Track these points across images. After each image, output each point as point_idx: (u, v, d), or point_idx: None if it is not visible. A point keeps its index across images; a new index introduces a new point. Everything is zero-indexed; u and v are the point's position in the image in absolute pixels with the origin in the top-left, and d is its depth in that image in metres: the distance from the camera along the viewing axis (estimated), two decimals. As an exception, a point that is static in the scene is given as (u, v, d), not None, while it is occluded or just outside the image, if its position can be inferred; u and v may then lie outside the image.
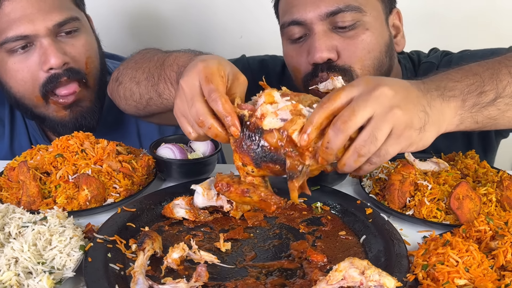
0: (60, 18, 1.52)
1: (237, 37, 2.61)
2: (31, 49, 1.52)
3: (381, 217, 1.14)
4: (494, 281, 0.87)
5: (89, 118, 1.63)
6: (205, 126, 1.00)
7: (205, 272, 0.93)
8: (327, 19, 1.43)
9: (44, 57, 1.51)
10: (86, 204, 1.19)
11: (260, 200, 0.96)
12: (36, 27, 1.48)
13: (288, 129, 0.93)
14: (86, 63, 1.61)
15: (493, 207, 1.15)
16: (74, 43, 1.58)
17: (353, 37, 1.45)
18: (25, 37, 1.49)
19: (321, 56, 1.42)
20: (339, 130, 0.90)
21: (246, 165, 0.98)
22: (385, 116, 0.92)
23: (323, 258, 1.00)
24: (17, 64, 1.53)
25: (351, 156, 0.94)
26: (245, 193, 0.96)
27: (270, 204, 0.95)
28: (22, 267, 0.92)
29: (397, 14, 1.59)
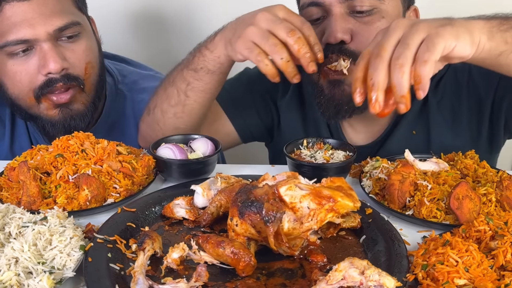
0: (61, 23, 1.52)
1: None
2: (31, 53, 1.52)
3: (381, 217, 1.14)
4: (493, 281, 0.87)
5: (78, 120, 1.63)
6: (284, 54, 1.22)
7: (205, 272, 0.93)
8: (345, 2, 1.46)
9: (43, 61, 1.51)
10: (86, 204, 1.19)
11: (232, 253, 0.95)
12: (37, 32, 1.49)
13: (278, 184, 0.99)
14: (85, 68, 1.61)
15: (493, 207, 1.15)
16: (74, 48, 1.58)
17: (368, 22, 1.47)
18: (25, 41, 1.50)
19: (335, 37, 1.45)
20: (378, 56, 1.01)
21: (233, 218, 1.00)
22: (411, 28, 1.02)
23: (323, 258, 1.00)
24: (16, 66, 1.53)
25: (393, 73, 0.98)
26: (219, 244, 0.96)
27: (240, 260, 0.94)
28: (22, 267, 0.92)
29: (415, 11, 1.61)
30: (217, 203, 1.13)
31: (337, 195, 0.98)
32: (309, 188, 0.99)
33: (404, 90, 0.97)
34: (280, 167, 1.54)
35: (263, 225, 0.96)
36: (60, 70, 1.52)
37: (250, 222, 0.97)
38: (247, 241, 1.00)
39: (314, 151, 1.43)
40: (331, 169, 1.32)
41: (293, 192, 0.98)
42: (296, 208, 0.97)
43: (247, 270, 0.95)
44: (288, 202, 0.98)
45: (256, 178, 1.26)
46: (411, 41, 0.99)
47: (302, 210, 0.98)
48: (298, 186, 0.99)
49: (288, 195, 0.98)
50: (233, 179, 1.22)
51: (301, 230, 0.98)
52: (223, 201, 1.13)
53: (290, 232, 0.98)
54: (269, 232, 0.95)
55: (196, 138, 1.47)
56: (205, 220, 1.12)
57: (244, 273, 0.95)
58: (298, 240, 1.01)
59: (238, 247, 0.96)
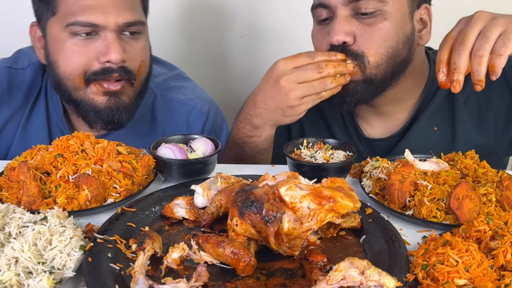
0: (131, 18, 1.57)
1: (237, 37, 2.62)
2: (94, 38, 1.55)
3: (381, 217, 1.14)
4: (494, 281, 0.87)
5: (122, 112, 1.64)
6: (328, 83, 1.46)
7: (205, 272, 0.93)
8: (350, 4, 1.51)
9: (105, 49, 1.54)
10: (86, 204, 1.19)
11: (232, 253, 0.95)
12: (108, 20, 1.53)
13: (278, 184, 0.99)
14: (139, 66, 1.65)
15: (493, 207, 1.15)
16: (134, 44, 1.62)
17: (371, 24, 1.52)
18: (94, 26, 1.53)
19: (337, 39, 1.51)
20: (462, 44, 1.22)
21: (233, 218, 1.00)
22: (491, 21, 1.21)
23: (323, 258, 1.00)
24: (75, 46, 1.55)
25: (474, 62, 1.20)
26: (219, 244, 0.96)
27: (239, 259, 0.94)
28: (22, 267, 0.92)
29: (426, 10, 1.64)
30: (217, 203, 1.13)
31: (337, 195, 0.98)
32: (309, 188, 0.99)
33: (481, 76, 1.20)
34: (280, 167, 1.54)
35: (263, 225, 0.96)
36: (119, 62, 1.56)
37: (250, 222, 0.97)
38: (247, 241, 1.00)
39: (314, 151, 1.43)
40: (331, 169, 1.32)
41: (293, 192, 0.98)
42: (296, 208, 0.98)
43: (247, 270, 0.95)
44: (288, 202, 0.98)
45: (256, 178, 1.26)
46: (491, 34, 1.20)
47: (302, 210, 0.98)
48: (298, 186, 0.99)
49: (288, 195, 0.98)
50: (233, 179, 1.22)
51: (301, 230, 0.98)
52: (223, 201, 1.13)
53: (290, 232, 0.98)
54: (269, 232, 0.95)
55: (196, 138, 1.48)
56: (205, 220, 1.12)
57: (244, 273, 0.95)
58: (298, 240, 1.01)
59: (238, 247, 0.96)
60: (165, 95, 1.87)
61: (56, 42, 1.58)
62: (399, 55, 1.56)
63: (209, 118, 1.90)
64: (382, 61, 1.54)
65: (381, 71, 1.55)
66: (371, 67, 1.53)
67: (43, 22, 1.62)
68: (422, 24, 1.63)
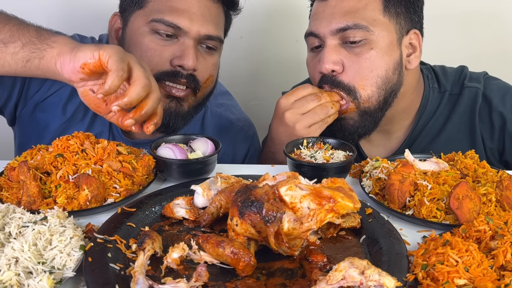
0: (213, 32, 1.61)
1: (237, 37, 2.62)
2: (173, 40, 1.59)
3: (381, 217, 1.14)
4: (493, 281, 0.87)
5: (179, 119, 1.67)
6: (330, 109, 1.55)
7: (205, 272, 0.93)
8: (337, 34, 1.58)
9: (181, 54, 1.57)
10: (86, 204, 1.19)
11: (232, 253, 0.95)
12: (192, 26, 1.56)
13: (278, 184, 0.99)
14: (206, 79, 1.68)
15: (493, 207, 1.15)
16: (207, 58, 1.66)
17: (358, 54, 1.58)
18: (177, 28, 1.56)
19: (326, 68, 1.58)
20: None
21: (233, 218, 1.00)
22: None
23: (323, 258, 1.00)
24: (153, 44, 1.59)
25: None
26: (219, 244, 0.96)
27: (239, 259, 0.94)
28: (22, 267, 0.92)
29: (415, 35, 1.68)
30: (217, 204, 1.13)
31: (337, 195, 0.98)
32: (309, 189, 0.99)
33: None
34: (280, 167, 1.55)
35: (263, 225, 0.96)
36: (191, 69, 1.59)
37: (250, 222, 0.97)
38: (247, 241, 1.00)
39: (314, 151, 1.43)
40: (331, 169, 1.32)
41: (294, 192, 0.98)
42: (296, 208, 0.98)
43: (247, 270, 0.95)
44: (288, 202, 0.98)
45: (256, 178, 1.26)
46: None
47: (302, 210, 0.98)
48: (298, 186, 0.99)
49: (289, 195, 0.98)
50: (233, 179, 1.22)
51: (301, 230, 0.98)
52: (223, 202, 1.13)
53: (290, 232, 0.98)
54: (269, 232, 0.95)
55: (196, 138, 1.48)
56: (205, 220, 1.12)
57: (244, 273, 0.95)
58: (298, 240, 1.01)
59: (238, 247, 0.96)
60: (214, 110, 1.92)
61: (135, 35, 1.61)
62: (389, 82, 1.61)
63: (253, 141, 1.96)
64: (373, 93, 1.60)
65: (373, 102, 1.61)
66: (363, 101, 1.60)
67: (127, 14, 1.65)
68: (411, 48, 1.68)
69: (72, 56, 1.24)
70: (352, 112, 1.61)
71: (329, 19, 1.59)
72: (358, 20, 1.56)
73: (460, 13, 2.47)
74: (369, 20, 1.56)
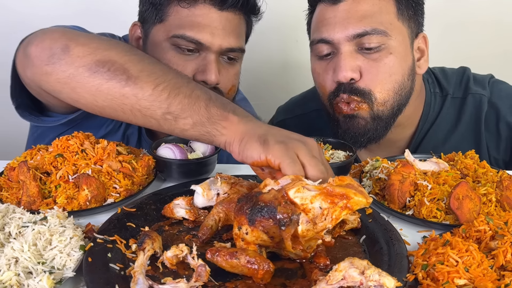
0: (235, 44, 1.60)
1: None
2: (195, 55, 1.58)
3: (381, 217, 1.14)
4: (494, 281, 0.87)
5: None
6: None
7: (205, 272, 0.93)
8: (353, 40, 1.50)
9: (203, 69, 1.57)
10: (86, 204, 1.19)
11: (248, 262, 0.92)
12: (213, 41, 1.55)
13: (286, 187, 0.97)
14: (229, 89, 1.68)
15: (493, 207, 1.15)
16: (229, 68, 1.65)
17: (376, 59, 1.51)
18: (199, 44, 1.55)
19: (344, 76, 1.50)
20: None
21: (242, 227, 0.96)
22: None
23: (325, 261, 1.00)
24: (175, 59, 1.58)
25: None
26: (232, 255, 0.93)
27: (258, 268, 0.91)
28: (22, 267, 0.92)
29: (423, 38, 1.64)
30: (216, 217, 1.09)
31: (350, 192, 0.96)
32: (318, 189, 0.98)
33: None
34: (280, 167, 1.54)
35: (276, 230, 0.93)
36: (214, 83, 1.58)
37: (262, 228, 0.94)
38: (258, 249, 0.98)
39: (314, 151, 1.43)
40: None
41: (303, 194, 0.96)
42: (307, 209, 0.95)
43: (266, 277, 0.92)
44: (299, 204, 0.95)
45: (256, 178, 1.26)
46: None
47: (314, 211, 0.96)
48: (306, 188, 0.98)
49: (298, 197, 0.96)
50: (233, 179, 1.22)
51: (315, 230, 0.96)
52: (221, 214, 1.09)
53: (304, 234, 0.95)
54: (285, 235, 0.93)
55: (196, 138, 1.47)
56: (204, 235, 1.07)
57: (263, 280, 0.92)
58: (313, 241, 1.00)
59: (253, 255, 0.92)
60: None
61: (157, 49, 1.60)
62: (404, 88, 1.57)
63: None
64: (389, 97, 1.54)
65: (388, 107, 1.55)
66: (378, 103, 1.54)
67: (148, 26, 1.64)
68: (419, 53, 1.64)
69: (241, 152, 1.12)
70: (365, 112, 1.54)
71: (343, 24, 1.51)
72: (376, 25, 1.50)
73: (460, 14, 2.47)
74: (386, 24, 1.51)
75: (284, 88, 2.15)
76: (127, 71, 1.18)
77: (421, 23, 1.63)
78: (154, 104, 1.16)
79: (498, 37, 2.53)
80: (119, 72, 1.18)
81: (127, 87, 1.17)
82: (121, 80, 1.17)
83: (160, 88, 1.17)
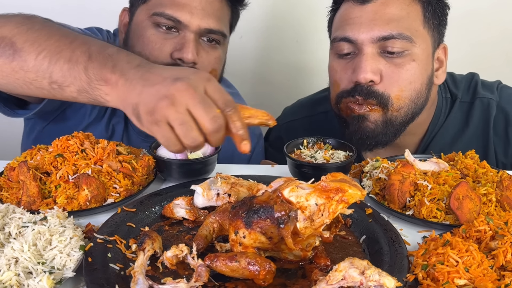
0: (214, 26, 1.61)
1: (237, 37, 2.62)
2: (174, 34, 1.59)
3: (381, 217, 1.14)
4: (494, 281, 0.87)
5: None
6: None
7: (205, 272, 0.93)
8: (378, 42, 1.49)
9: (180, 47, 1.58)
10: (86, 204, 1.19)
11: (248, 264, 0.91)
12: (192, 20, 1.56)
13: (280, 188, 0.97)
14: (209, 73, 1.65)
15: (493, 207, 1.15)
16: (209, 51, 1.65)
17: (399, 65, 1.50)
18: (177, 22, 1.57)
19: (365, 77, 1.48)
20: None
21: (239, 231, 0.96)
22: None
23: (326, 261, 1.00)
24: (154, 37, 1.59)
25: None
26: (232, 259, 0.92)
27: (260, 269, 0.90)
28: (22, 267, 0.92)
29: (444, 49, 1.64)
30: (210, 227, 1.07)
31: (344, 185, 0.96)
32: (312, 186, 0.98)
33: None
34: (280, 167, 1.55)
35: (274, 229, 0.93)
36: (190, 62, 1.58)
37: (259, 230, 0.94)
38: (257, 252, 0.97)
39: (314, 151, 1.43)
40: (331, 169, 1.32)
41: (297, 193, 0.96)
42: (303, 207, 0.95)
43: (268, 278, 0.92)
44: (294, 202, 0.96)
45: (256, 178, 1.26)
46: None
47: (310, 208, 0.95)
48: (300, 187, 0.98)
49: (293, 196, 0.96)
50: (233, 179, 1.22)
51: (313, 227, 0.95)
52: (215, 224, 1.07)
53: (302, 232, 0.95)
54: (285, 233, 0.92)
55: (196, 138, 1.47)
56: (199, 244, 1.04)
57: (266, 282, 0.92)
58: (311, 239, 0.99)
59: (253, 257, 0.92)
60: None
61: (138, 28, 1.63)
62: (421, 97, 1.56)
63: (259, 141, 1.96)
64: (405, 104, 1.53)
65: (402, 113, 1.54)
66: (393, 109, 1.52)
67: (134, 8, 1.67)
68: (438, 63, 1.62)
69: (135, 126, 1.05)
70: (377, 115, 1.52)
71: (370, 25, 1.49)
72: (402, 30, 1.48)
73: (460, 14, 2.47)
74: (412, 30, 1.49)
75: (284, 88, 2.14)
76: (14, 45, 1.14)
77: (443, 33, 1.63)
78: (39, 75, 1.12)
79: (498, 37, 2.52)
80: (7, 47, 1.14)
81: (14, 62, 1.13)
82: (9, 55, 1.14)
83: (41, 56, 1.12)
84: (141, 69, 1.05)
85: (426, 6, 1.54)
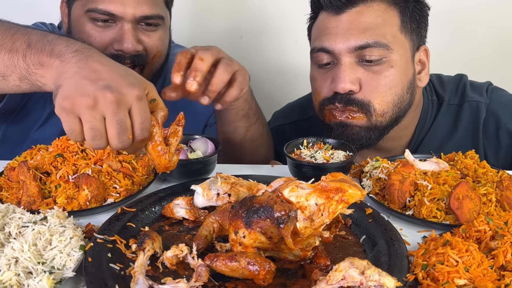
0: (149, 12, 1.63)
1: (237, 37, 2.62)
2: (111, 26, 1.63)
3: (381, 217, 1.14)
4: (494, 281, 0.87)
5: None
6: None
7: (205, 272, 0.93)
8: (355, 52, 1.49)
9: (119, 38, 1.62)
10: (86, 204, 1.19)
11: (248, 264, 0.91)
12: (125, 11, 1.60)
13: (280, 188, 0.98)
14: (154, 55, 1.71)
15: (493, 207, 1.15)
16: (150, 34, 1.69)
17: (377, 72, 1.50)
18: (111, 15, 1.60)
19: (343, 87, 1.49)
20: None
21: (238, 231, 0.95)
22: None
23: (326, 261, 1.00)
24: (93, 31, 1.63)
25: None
26: (231, 259, 0.92)
27: (259, 269, 0.90)
28: (22, 267, 0.92)
29: (425, 51, 1.63)
30: (210, 227, 1.07)
31: (344, 185, 0.96)
32: (312, 186, 0.98)
33: None
34: (280, 167, 1.55)
35: (274, 229, 0.93)
36: (131, 52, 1.62)
37: (259, 230, 0.94)
38: (257, 251, 0.97)
39: (314, 151, 1.43)
40: (331, 169, 1.32)
41: (297, 193, 0.96)
42: (303, 207, 0.95)
43: (268, 278, 0.92)
44: (294, 202, 0.95)
45: (256, 178, 1.26)
46: None
47: (310, 208, 0.95)
48: (300, 187, 0.98)
49: (293, 196, 0.96)
50: (233, 179, 1.22)
51: (313, 227, 0.95)
52: (215, 224, 1.08)
53: (302, 231, 0.95)
54: (285, 233, 0.92)
55: (196, 138, 1.48)
56: (199, 244, 1.04)
57: (265, 282, 0.92)
58: (311, 238, 0.99)
59: (252, 256, 0.92)
60: None
61: (77, 24, 1.66)
62: (404, 101, 1.56)
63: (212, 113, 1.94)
64: (388, 109, 1.54)
65: (386, 118, 1.55)
66: (377, 114, 1.53)
67: (70, 2, 1.69)
68: (420, 65, 1.62)
69: None
70: (360, 121, 1.53)
71: (345, 35, 1.49)
72: (378, 38, 1.48)
73: (460, 14, 2.47)
74: (388, 37, 1.49)
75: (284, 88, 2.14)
76: None
77: (423, 35, 1.62)
78: None
79: (497, 38, 2.52)
80: None
81: None
82: None
83: None
84: (79, 54, 1.06)
85: (403, 11, 1.54)
